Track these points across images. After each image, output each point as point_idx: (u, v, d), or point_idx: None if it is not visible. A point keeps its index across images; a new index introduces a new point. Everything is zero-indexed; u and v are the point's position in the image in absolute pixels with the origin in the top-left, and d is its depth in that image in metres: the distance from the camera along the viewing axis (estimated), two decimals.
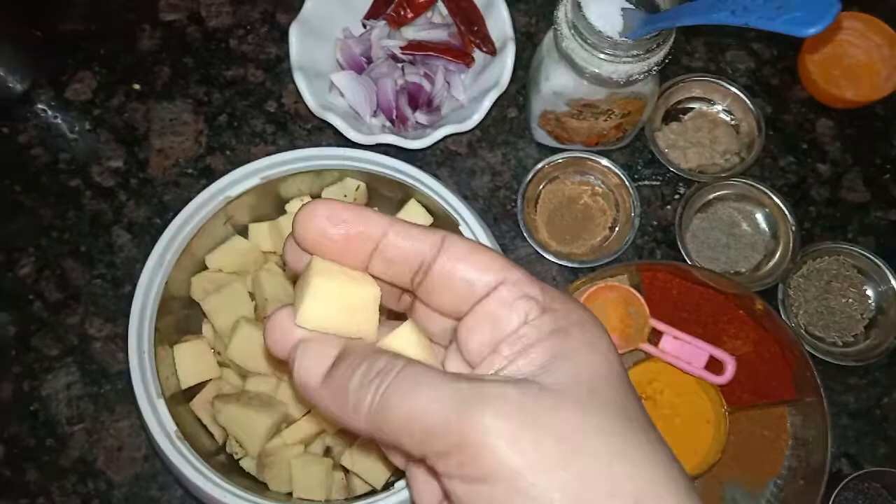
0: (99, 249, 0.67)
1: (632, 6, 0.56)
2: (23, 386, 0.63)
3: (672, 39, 0.55)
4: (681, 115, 0.71)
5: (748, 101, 0.69)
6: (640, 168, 0.70)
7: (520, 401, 0.23)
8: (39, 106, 0.71)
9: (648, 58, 0.54)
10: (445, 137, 0.65)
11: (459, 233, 0.56)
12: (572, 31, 0.55)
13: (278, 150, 0.57)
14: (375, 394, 0.24)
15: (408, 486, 0.30)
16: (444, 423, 0.23)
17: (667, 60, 0.56)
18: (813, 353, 0.63)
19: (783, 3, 0.45)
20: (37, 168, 0.69)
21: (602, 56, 0.54)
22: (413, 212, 0.59)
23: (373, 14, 0.70)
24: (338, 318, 0.27)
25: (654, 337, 0.62)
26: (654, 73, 0.56)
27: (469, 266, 0.26)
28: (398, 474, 0.55)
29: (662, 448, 0.24)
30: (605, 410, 0.24)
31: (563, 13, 0.56)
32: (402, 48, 0.68)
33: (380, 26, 0.69)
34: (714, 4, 0.49)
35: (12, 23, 0.71)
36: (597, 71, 0.55)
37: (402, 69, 0.68)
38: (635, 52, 0.54)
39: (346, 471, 0.56)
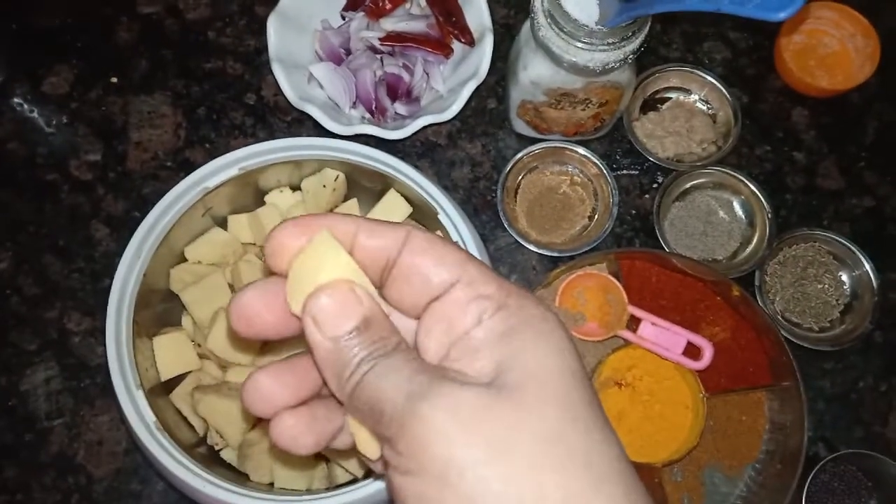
0: (77, 243, 0.67)
1: None
2: (1, 381, 0.63)
3: (647, 28, 0.55)
4: (658, 105, 0.72)
5: (725, 91, 0.70)
6: (618, 157, 0.71)
7: (464, 399, 0.23)
8: (15, 100, 0.70)
9: (624, 46, 0.55)
10: (425, 128, 0.65)
11: (439, 223, 0.57)
12: (549, 20, 0.55)
13: (258, 142, 0.57)
14: (367, 372, 0.25)
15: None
16: (393, 408, 0.24)
17: (642, 49, 0.56)
18: (789, 338, 0.64)
19: None
20: (13, 162, 0.69)
21: (578, 45, 0.55)
22: (393, 202, 0.59)
23: (351, 5, 0.70)
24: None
25: (633, 324, 0.62)
26: (631, 61, 0.57)
27: (428, 260, 0.26)
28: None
29: (604, 448, 0.24)
30: (545, 411, 0.24)
31: (539, 2, 0.56)
32: (380, 39, 0.68)
33: (358, 18, 0.69)
34: None
35: None
36: (573, 59, 0.56)
37: (381, 60, 0.68)
38: (611, 41, 0.54)
39: (327, 460, 0.56)
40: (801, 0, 0.42)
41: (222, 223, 0.60)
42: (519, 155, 0.67)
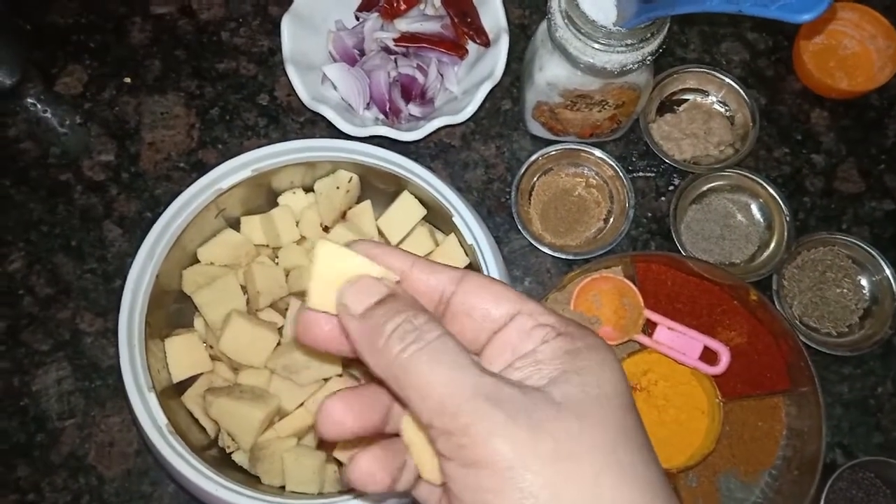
0: (90, 244, 0.67)
1: None
2: (13, 381, 0.63)
3: (666, 29, 0.55)
4: (675, 107, 0.71)
5: (743, 92, 0.69)
6: (634, 159, 0.70)
7: (526, 405, 0.25)
8: (29, 100, 0.70)
9: (642, 47, 0.54)
10: (439, 130, 0.65)
11: (453, 225, 0.56)
12: (566, 21, 0.54)
13: (271, 143, 0.57)
14: (406, 348, 0.26)
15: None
16: (457, 404, 0.25)
17: (661, 50, 0.55)
18: (807, 343, 0.63)
19: None
20: (27, 162, 0.69)
21: (596, 46, 0.54)
22: (407, 204, 0.59)
23: (365, 6, 0.70)
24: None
25: (649, 328, 0.62)
26: (649, 62, 0.56)
27: (487, 297, 0.29)
28: None
29: (651, 468, 0.26)
30: (604, 426, 0.25)
31: (556, 3, 0.55)
32: (395, 40, 0.68)
33: (372, 18, 0.68)
34: None
35: (1, 15, 0.70)
36: (591, 61, 0.55)
37: (395, 61, 0.68)
38: (629, 42, 0.53)
39: (339, 464, 0.55)
40: (826, 2, 0.41)
41: (235, 224, 0.60)
42: (534, 157, 0.67)
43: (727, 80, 0.70)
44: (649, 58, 0.55)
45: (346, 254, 0.29)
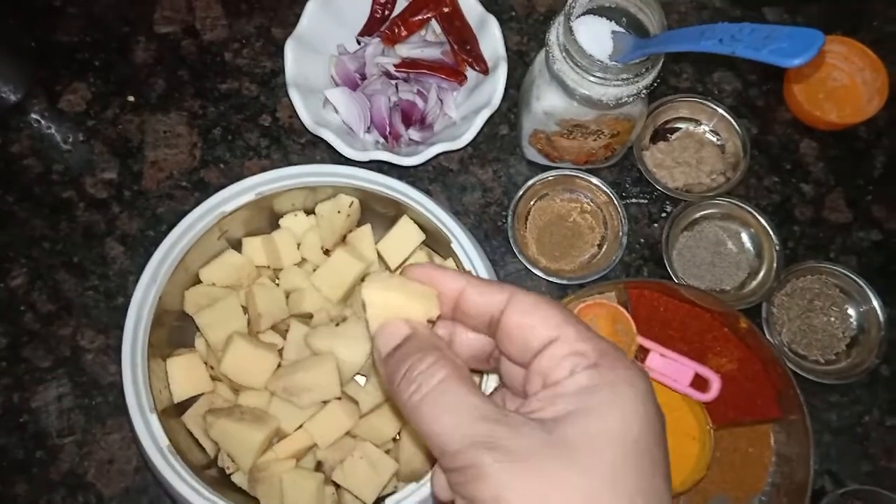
0: (92, 261, 0.67)
1: (622, 30, 0.57)
2: (13, 397, 0.63)
3: (661, 64, 0.56)
4: (668, 135, 0.73)
5: (734, 122, 0.71)
6: (628, 186, 0.71)
7: (518, 447, 0.27)
8: (33, 116, 0.71)
9: (638, 81, 0.56)
10: (438, 154, 0.66)
11: (452, 251, 0.57)
12: (563, 54, 0.56)
13: (272, 164, 0.57)
14: (411, 396, 0.29)
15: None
16: (454, 449, 0.28)
17: (655, 84, 0.57)
18: (796, 370, 0.64)
19: (769, 34, 0.46)
20: (30, 179, 0.69)
21: (592, 79, 0.55)
22: (406, 229, 0.60)
23: (367, 31, 0.71)
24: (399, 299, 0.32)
25: (641, 354, 0.63)
26: (644, 95, 0.58)
27: (530, 320, 0.30)
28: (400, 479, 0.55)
29: None
30: (591, 476, 0.26)
31: (554, 36, 0.57)
32: (395, 66, 0.69)
33: (374, 43, 0.70)
34: (703, 33, 0.50)
35: (6, 32, 0.71)
36: (587, 93, 0.56)
37: (396, 86, 0.69)
38: (625, 76, 0.55)
39: (336, 486, 0.56)
40: (816, 48, 0.43)
41: (237, 245, 0.61)
42: (530, 182, 0.68)
43: (719, 109, 0.71)
44: (644, 91, 0.57)
45: (387, 295, 0.32)
